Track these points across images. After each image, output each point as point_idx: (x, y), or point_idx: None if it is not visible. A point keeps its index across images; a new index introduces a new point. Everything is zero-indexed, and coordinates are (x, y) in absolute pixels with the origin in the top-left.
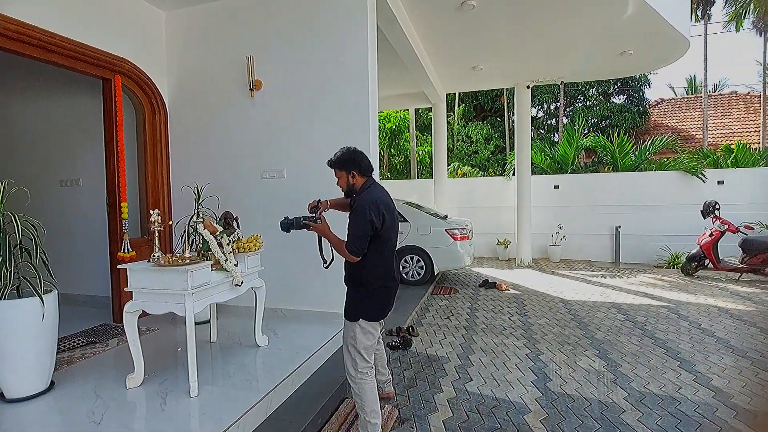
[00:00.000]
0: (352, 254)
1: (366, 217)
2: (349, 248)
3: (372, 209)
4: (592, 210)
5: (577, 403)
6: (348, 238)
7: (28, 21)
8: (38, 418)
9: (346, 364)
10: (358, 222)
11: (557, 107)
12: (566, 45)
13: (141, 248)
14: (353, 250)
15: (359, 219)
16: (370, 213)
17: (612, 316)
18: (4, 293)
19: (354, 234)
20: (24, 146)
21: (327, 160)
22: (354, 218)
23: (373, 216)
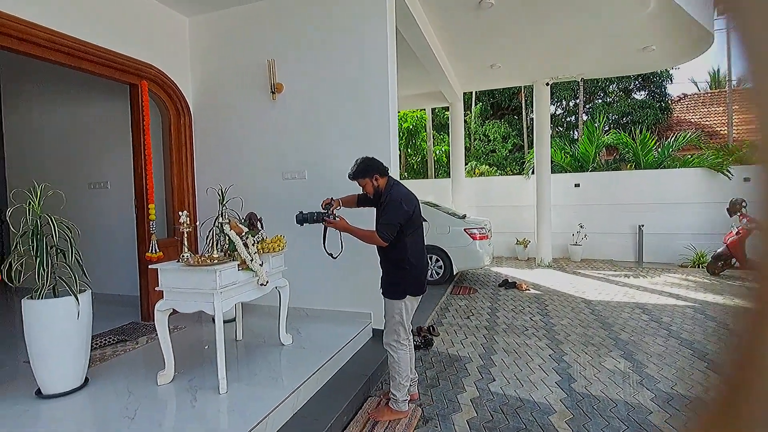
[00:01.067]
0: (384, 240)
1: (402, 208)
2: (381, 235)
3: (405, 202)
4: (614, 208)
5: (602, 404)
6: (380, 227)
7: (59, 29)
8: (74, 413)
9: (388, 338)
10: (394, 213)
11: (577, 104)
12: (586, 41)
13: (168, 249)
14: (385, 237)
15: (395, 211)
16: (404, 205)
17: (636, 316)
18: (41, 293)
19: (388, 223)
20: (55, 150)
21: (347, 174)
22: (389, 211)
23: (406, 207)
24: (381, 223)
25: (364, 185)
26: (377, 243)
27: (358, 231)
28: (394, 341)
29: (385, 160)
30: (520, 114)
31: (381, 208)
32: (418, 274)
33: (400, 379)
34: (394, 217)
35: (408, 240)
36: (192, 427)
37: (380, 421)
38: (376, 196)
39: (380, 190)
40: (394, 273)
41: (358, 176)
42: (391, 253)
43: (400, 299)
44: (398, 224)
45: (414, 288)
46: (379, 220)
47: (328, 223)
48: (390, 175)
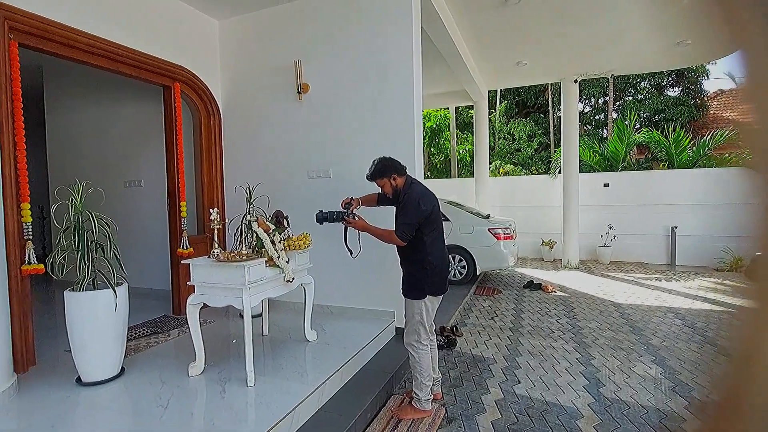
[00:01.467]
0: (402, 240)
1: (420, 208)
2: (399, 235)
3: (423, 201)
4: (645, 209)
5: (633, 411)
6: (398, 227)
7: (98, 34)
8: (111, 401)
9: (409, 338)
10: (411, 213)
11: (606, 101)
12: (617, 37)
13: (198, 245)
14: (403, 236)
15: (412, 210)
16: (422, 204)
17: (669, 321)
18: (82, 285)
19: (405, 223)
20: (93, 149)
21: (366, 175)
22: (407, 210)
23: (424, 206)
24: (399, 222)
25: (383, 185)
26: (395, 242)
27: (376, 230)
28: (414, 341)
29: (409, 159)
30: (547, 112)
31: (399, 208)
32: (438, 274)
33: (422, 378)
34: (412, 216)
35: (427, 239)
36: (222, 418)
37: (403, 419)
38: (395, 195)
39: (399, 190)
40: (414, 273)
41: (375, 177)
42: (410, 253)
43: (421, 299)
44: (416, 224)
45: (434, 288)
46: (397, 220)
47: (348, 223)
48: (408, 174)
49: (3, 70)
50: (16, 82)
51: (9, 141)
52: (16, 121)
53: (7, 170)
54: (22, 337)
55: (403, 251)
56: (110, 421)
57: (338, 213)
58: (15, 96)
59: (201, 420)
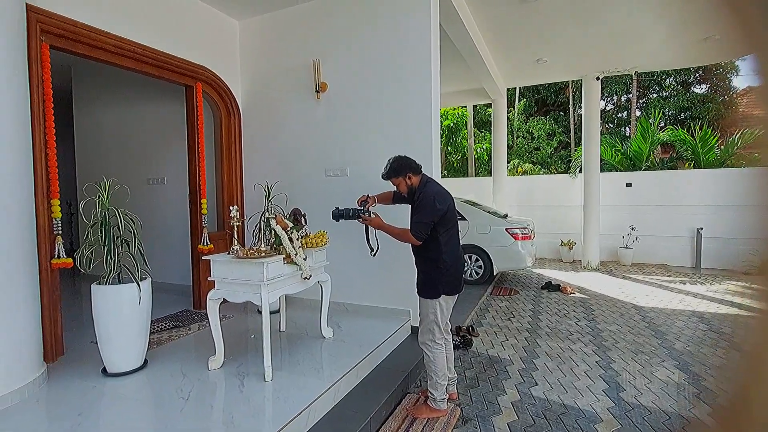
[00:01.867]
0: (417, 239)
1: (435, 206)
2: (414, 234)
3: (438, 200)
4: (669, 210)
5: (654, 416)
6: (413, 225)
7: (124, 35)
8: (135, 391)
9: (423, 337)
10: (426, 212)
11: (629, 99)
12: (641, 32)
13: (218, 242)
14: (418, 235)
15: (427, 209)
16: (437, 203)
17: (693, 325)
18: (108, 279)
19: (420, 221)
20: (118, 147)
21: (381, 174)
22: (421, 209)
23: (439, 205)
24: (414, 221)
25: (398, 184)
26: (410, 241)
27: (391, 229)
28: (429, 340)
29: (427, 158)
30: (567, 110)
31: (414, 206)
32: (453, 273)
33: (436, 378)
34: (427, 215)
35: (442, 239)
36: (240, 411)
37: (418, 418)
38: (410, 194)
39: (414, 188)
40: (428, 272)
41: (391, 176)
42: (425, 252)
43: (435, 299)
44: (431, 223)
45: (449, 287)
46: (412, 219)
47: (363, 220)
48: (424, 173)
49: (35, 71)
50: (47, 83)
51: (40, 140)
52: (47, 120)
53: (39, 168)
54: (51, 328)
55: (417, 250)
56: (134, 412)
57: (354, 210)
58: (46, 96)
59: (220, 413)
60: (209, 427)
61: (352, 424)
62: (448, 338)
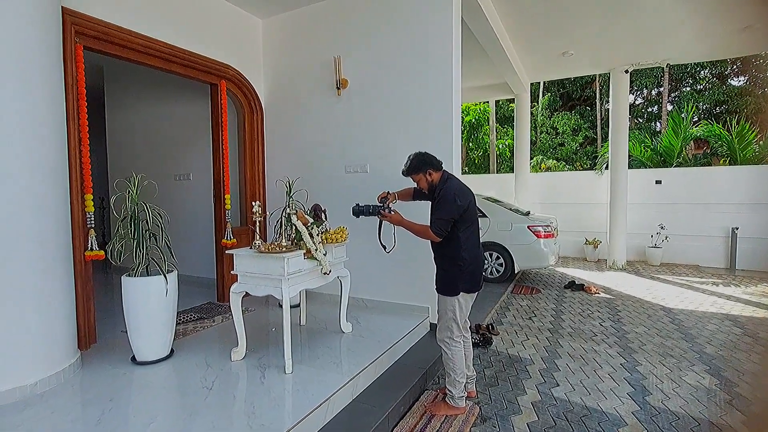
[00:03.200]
0: (437, 235)
1: (456, 203)
2: (435, 230)
3: (459, 197)
4: (701, 208)
5: (682, 422)
6: (434, 222)
7: (152, 36)
8: (162, 379)
9: (441, 334)
10: (447, 208)
11: (660, 93)
12: (673, 23)
13: (241, 236)
14: (439, 232)
15: (448, 206)
16: (458, 200)
17: (726, 329)
18: (137, 271)
19: (441, 218)
20: (146, 144)
21: (401, 171)
22: (442, 206)
23: (460, 202)
24: (434, 218)
25: (418, 180)
26: (430, 238)
27: (412, 225)
28: (447, 338)
29: (447, 154)
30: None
31: (435, 203)
32: (472, 271)
33: (455, 375)
34: (448, 212)
35: (462, 236)
36: (261, 402)
37: (437, 414)
38: (430, 190)
39: (434, 185)
40: (447, 269)
41: (411, 172)
42: (445, 249)
43: (454, 296)
44: (451, 219)
45: (468, 285)
46: (432, 215)
47: (384, 217)
48: (444, 169)
49: (70, 71)
50: (81, 82)
51: (75, 137)
52: (81, 118)
53: (74, 164)
54: (85, 316)
55: (437, 247)
56: (161, 399)
57: (374, 207)
58: (80, 95)
59: (242, 403)
60: (231, 416)
61: (369, 418)
62: (467, 336)
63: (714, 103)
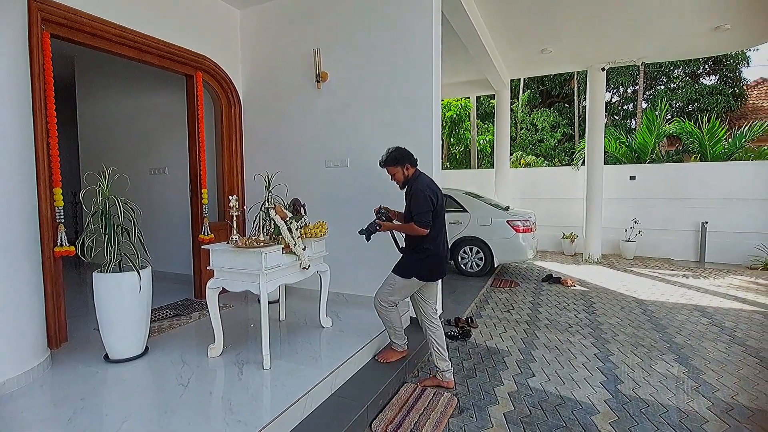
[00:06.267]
0: (423, 228)
1: (427, 196)
2: (419, 224)
3: (428, 190)
4: (673, 203)
5: (651, 409)
6: (415, 217)
7: (125, 25)
8: (136, 377)
9: (380, 300)
10: (423, 201)
11: (636, 91)
12: (649, 22)
13: (218, 231)
14: (423, 223)
15: (421, 199)
16: (428, 192)
17: (695, 319)
18: (109, 267)
19: (420, 212)
20: (120, 137)
21: (378, 162)
22: (418, 200)
23: (430, 195)
24: (414, 213)
25: (395, 173)
26: (418, 232)
27: (401, 227)
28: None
29: (427, 149)
30: (572, 102)
31: (409, 199)
32: (433, 262)
33: (394, 330)
34: (425, 204)
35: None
36: (238, 398)
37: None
38: (404, 184)
39: (408, 180)
40: (408, 255)
41: (389, 164)
42: (412, 238)
43: (406, 278)
44: (430, 210)
45: (424, 273)
46: (410, 211)
47: (382, 226)
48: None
49: (36, 60)
50: (48, 71)
51: (42, 128)
52: (49, 109)
53: (41, 156)
54: (55, 314)
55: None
56: (135, 397)
57: (373, 222)
58: (47, 85)
59: (219, 399)
60: (208, 413)
61: (349, 412)
62: (437, 323)
63: (686, 101)
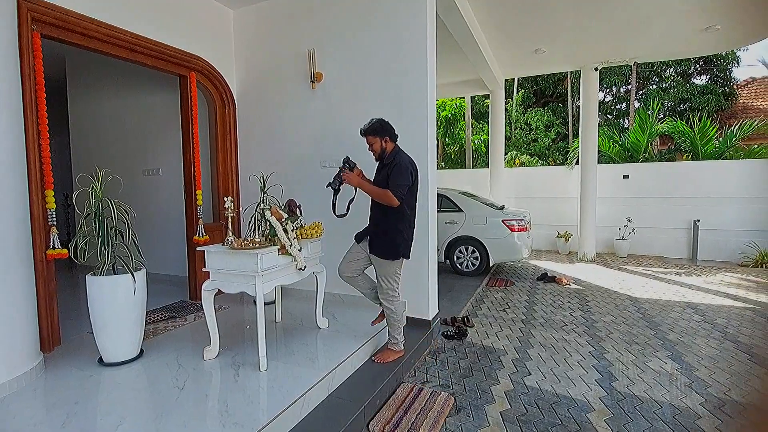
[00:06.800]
0: (398, 199)
1: (408, 170)
2: (396, 195)
3: (411, 166)
4: (666, 202)
5: (646, 405)
6: (393, 188)
7: (117, 24)
8: (131, 381)
9: (386, 294)
10: (404, 175)
11: (628, 90)
12: (641, 22)
13: (213, 233)
14: (398, 195)
15: (403, 172)
16: (409, 167)
17: (687, 316)
18: (102, 269)
19: (401, 184)
20: (113, 138)
21: (360, 129)
22: (399, 173)
23: (412, 170)
24: (394, 183)
25: (373, 143)
26: (390, 201)
27: (372, 188)
28: (391, 297)
29: (423, 149)
30: (566, 101)
31: (388, 170)
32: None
33: (398, 323)
34: (406, 178)
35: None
36: (235, 400)
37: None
38: (380, 157)
39: (386, 154)
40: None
41: (369, 133)
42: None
43: (395, 260)
44: (407, 185)
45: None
46: (388, 181)
47: (344, 174)
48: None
49: (26, 60)
50: (39, 72)
51: (33, 130)
52: (40, 110)
53: (32, 158)
54: (47, 318)
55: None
56: (130, 400)
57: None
58: (38, 86)
59: (215, 401)
60: (204, 415)
61: (346, 412)
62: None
63: (678, 101)
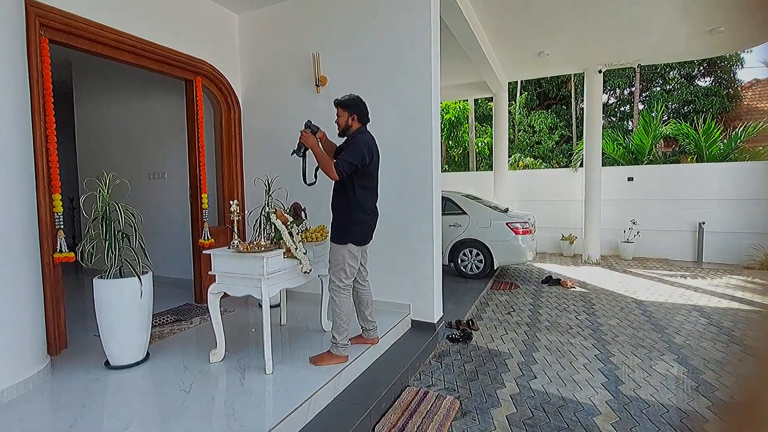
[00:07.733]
0: (338, 173)
1: (361, 151)
2: (338, 168)
3: (365, 148)
4: (671, 204)
5: (652, 409)
6: (339, 161)
7: (124, 30)
8: (138, 384)
9: (334, 280)
10: (355, 153)
11: (632, 92)
12: (645, 24)
13: (218, 236)
14: (340, 170)
15: (355, 150)
16: (364, 149)
17: (693, 319)
18: (109, 273)
19: (347, 160)
20: (119, 142)
21: (335, 100)
22: (352, 149)
23: (366, 152)
24: (340, 157)
25: (341, 116)
26: (331, 174)
27: (321, 156)
28: (335, 286)
29: (427, 152)
30: (569, 104)
31: (345, 145)
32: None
33: (340, 321)
34: (355, 156)
35: (359, 189)
36: (241, 403)
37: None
38: (343, 132)
39: (349, 131)
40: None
41: (341, 105)
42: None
43: (344, 245)
44: (355, 164)
45: (357, 238)
46: (339, 155)
47: (302, 135)
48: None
49: (35, 65)
50: (47, 77)
51: (41, 134)
52: (48, 115)
53: (40, 162)
54: (54, 321)
55: (336, 197)
56: (136, 403)
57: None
58: (46, 91)
59: (221, 405)
60: (210, 418)
61: (351, 416)
62: (365, 285)
63: (682, 103)
